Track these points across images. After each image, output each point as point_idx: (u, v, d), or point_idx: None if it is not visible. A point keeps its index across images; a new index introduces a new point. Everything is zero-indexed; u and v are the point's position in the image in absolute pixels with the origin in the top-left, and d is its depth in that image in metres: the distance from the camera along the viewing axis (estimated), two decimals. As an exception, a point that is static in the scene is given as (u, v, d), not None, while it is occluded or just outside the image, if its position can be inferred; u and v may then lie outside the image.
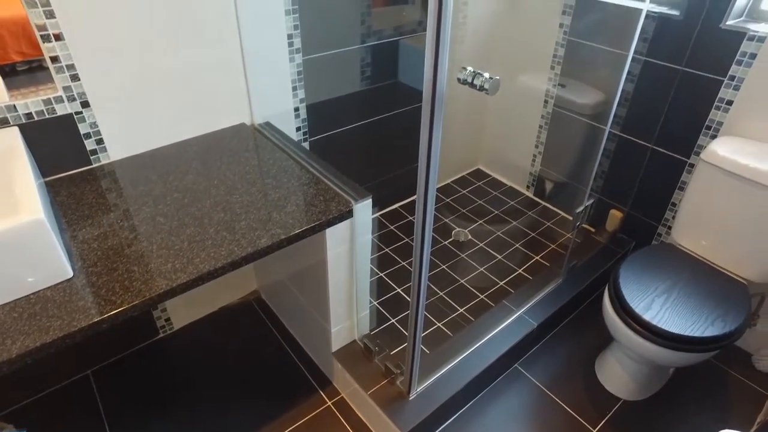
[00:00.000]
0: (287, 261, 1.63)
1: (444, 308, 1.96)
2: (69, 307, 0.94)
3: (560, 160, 2.42)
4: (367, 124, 2.07)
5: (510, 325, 1.77)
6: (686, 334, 1.40)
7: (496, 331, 1.73)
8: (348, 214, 1.26)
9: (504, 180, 2.76)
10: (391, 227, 2.38)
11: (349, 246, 1.38)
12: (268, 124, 1.67)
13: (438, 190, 2.62)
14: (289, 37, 1.62)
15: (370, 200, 1.32)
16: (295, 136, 1.83)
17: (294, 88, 1.73)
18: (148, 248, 1.10)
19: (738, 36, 1.59)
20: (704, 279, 1.61)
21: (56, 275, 0.99)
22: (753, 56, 1.58)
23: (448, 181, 2.75)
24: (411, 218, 2.43)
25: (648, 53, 1.83)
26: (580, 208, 1.82)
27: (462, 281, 2.10)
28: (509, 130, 2.58)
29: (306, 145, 1.89)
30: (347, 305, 1.54)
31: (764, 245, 1.56)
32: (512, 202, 2.60)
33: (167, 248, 1.10)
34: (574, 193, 2.44)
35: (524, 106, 2.43)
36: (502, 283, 2.09)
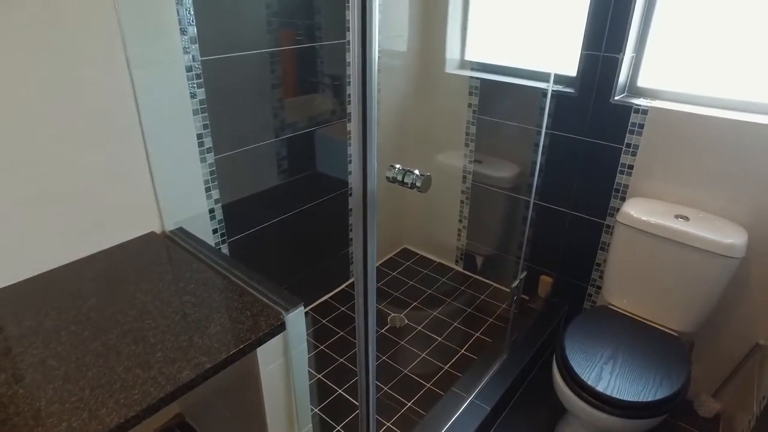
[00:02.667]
0: (215, 380, 1.43)
1: (392, 404, 1.82)
2: None
3: (485, 233, 2.46)
4: (289, 217, 1.98)
5: (463, 414, 1.66)
6: (640, 400, 1.38)
7: (449, 423, 1.62)
8: (280, 327, 1.13)
9: (432, 257, 2.75)
10: (324, 321, 2.23)
11: (284, 360, 1.23)
12: (181, 230, 1.53)
13: (367, 272, 2.55)
14: (199, 137, 1.53)
15: (302, 307, 1.21)
16: (211, 239, 1.69)
17: (207, 189, 1.61)
18: (33, 406, 0.89)
19: (626, 109, 1.74)
20: (642, 338, 1.63)
21: None
22: (641, 126, 1.73)
23: (376, 264, 2.68)
24: (342, 309, 2.31)
25: (553, 127, 1.94)
26: (516, 282, 1.82)
27: (406, 371, 1.98)
28: (432, 208, 2.60)
29: (225, 246, 1.75)
30: (287, 423, 1.36)
31: (685, 297, 1.63)
32: (443, 279, 2.57)
33: (61, 401, 0.90)
34: (504, 264, 2.47)
35: (444, 183, 2.47)
36: (446, 368, 2.00)
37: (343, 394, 1.86)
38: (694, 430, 1.83)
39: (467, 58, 2.23)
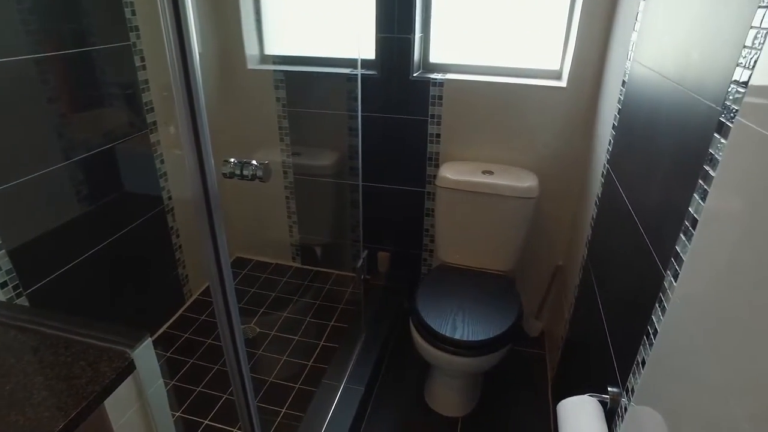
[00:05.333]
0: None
1: (266, 416, 1.73)
2: None
3: (318, 223, 2.47)
4: (102, 249, 1.70)
5: (340, 400, 1.67)
6: (491, 336, 1.55)
7: (330, 413, 1.61)
8: (128, 368, 0.98)
9: (267, 260, 2.66)
10: (168, 354, 2.00)
11: (140, 404, 1.07)
12: (-46, 293, 1.20)
13: (202, 294, 2.36)
14: (-44, 172, 1.21)
15: (150, 339, 1.06)
16: (1, 294, 1.37)
17: (-17, 235, 1.30)
18: None
19: (425, 83, 1.91)
20: (478, 285, 1.83)
21: None
22: (440, 97, 1.92)
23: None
24: (186, 335, 2.10)
25: (364, 109, 2.01)
26: (360, 262, 1.87)
27: (271, 379, 1.90)
28: (257, 210, 2.51)
29: (23, 300, 1.43)
30: (155, 477, 1.19)
31: (502, 240, 1.88)
32: (285, 279, 2.52)
33: None
34: (341, 250, 2.52)
35: (264, 183, 2.39)
36: (311, 363, 1.98)
37: (211, 423, 1.70)
38: (526, 349, 2.13)
39: (268, 52, 2.18)
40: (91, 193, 1.64)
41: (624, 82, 1.36)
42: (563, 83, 1.81)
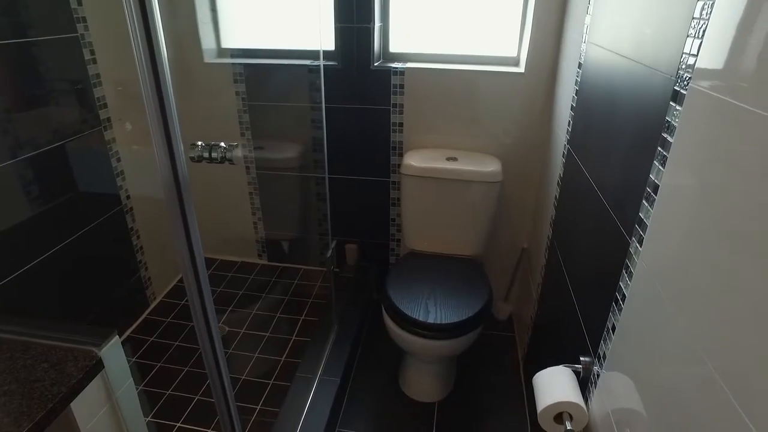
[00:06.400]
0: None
1: (242, 415, 1.69)
2: None
3: (283, 218, 2.43)
4: (57, 252, 1.62)
5: (316, 393, 1.66)
6: (463, 318, 1.57)
7: (307, 406, 1.59)
8: (96, 366, 0.94)
9: (233, 258, 2.60)
10: (134, 359, 1.93)
11: (110, 405, 1.03)
12: None
13: (166, 296, 2.29)
14: None
15: (117, 337, 1.02)
16: (-51, 303, 1.29)
17: (-74, 240, 1.21)
18: None
19: (386, 73, 1.91)
20: (448, 270, 1.84)
21: None
22: (402, 86, 1.92)
23: (175, 282, 2.42)
24: (151, 339, 2.04)
25: (327, 100, 1.99)
26: (330, 252, 1.85)
27: (244, 377, 1.86)
28: (220, 207, 2.45)
29: (-27, 308, 1.36)
30: (128, 482, 1.14)
31: (469, 224, 1.91)
32: (252, 276, 2.47)
33: None
34: (308, 244, 2.49)
35: (226, 179, 2.34)
36: (284, 359, 1.95)
37: (184, 426, 1.65)
38: (496, 333, 2.18)
39: (225, 45, 2.13)
40: (42, 194, 1.56)
41: (580, 64, 1.40)
42: (521, 69, 1.85)
